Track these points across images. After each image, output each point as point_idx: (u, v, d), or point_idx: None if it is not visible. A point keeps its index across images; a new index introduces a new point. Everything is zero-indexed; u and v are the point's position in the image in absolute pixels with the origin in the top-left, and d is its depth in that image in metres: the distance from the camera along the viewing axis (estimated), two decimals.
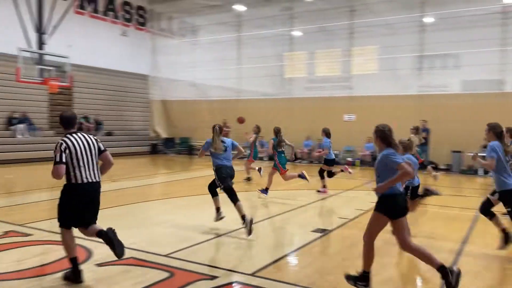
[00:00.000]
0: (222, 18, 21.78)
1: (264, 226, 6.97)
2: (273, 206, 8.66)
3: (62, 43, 16.63)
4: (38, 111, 18.76)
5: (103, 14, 21.79)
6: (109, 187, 11.10)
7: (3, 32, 16.09)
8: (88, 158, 4.35)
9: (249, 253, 5.44)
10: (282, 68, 21.20)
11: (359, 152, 18.03)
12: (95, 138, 4.56)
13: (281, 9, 20.40)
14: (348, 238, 6.31)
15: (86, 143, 4.39)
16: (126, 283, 4.29)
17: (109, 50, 21.51)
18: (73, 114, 4.65)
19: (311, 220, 7.43)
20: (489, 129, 5.29)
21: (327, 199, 9.63)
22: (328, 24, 19.26)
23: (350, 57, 18.95)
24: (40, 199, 9.43)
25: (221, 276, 4.54)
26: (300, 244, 5.94)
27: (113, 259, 5.02)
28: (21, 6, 14.00)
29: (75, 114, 4.72)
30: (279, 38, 20.63)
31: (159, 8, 23.90)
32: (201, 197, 9.63)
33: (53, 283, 4.32)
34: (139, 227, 6.75)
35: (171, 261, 4.99)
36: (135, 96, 23.47)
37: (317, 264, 5.10)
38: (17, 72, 13.58)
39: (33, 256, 5.17)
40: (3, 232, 6.19)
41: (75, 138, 4.37)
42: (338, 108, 18.37)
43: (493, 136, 5.24)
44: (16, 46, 13.82)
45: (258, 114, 20.46)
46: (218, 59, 21.66)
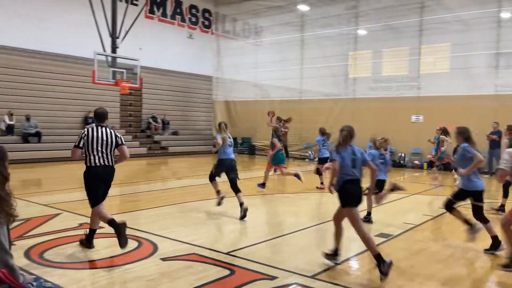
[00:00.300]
0: (285, 19, 21.77)
1: (326, 229, 6.85)
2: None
3: (133, 47, 17.54)
4: (111, 111, 19.82)
5: (171, 18, 22.68)
6: (173, 184, 11.52)
7: (81, 38, 17.28)
8: (102, 147, 5.14)
9: (310, 255, 5.37)
10: (346, 68, 20.76)
11: (427, 155, 17.18)
12: (116, 133, 5.35)
13: (346, 8, 19.98)
14: (415, 244, 6.02)
15: (105, 136, 5.18)
16: (188, 278, 4.39)
17: (176, 53, 22.34)
18: (104, 111, 5.40)
19: (375, 225, 7.18)
20: (457, 133, 5.66)
21: (392, 203, 9.27)
22: (396, 21, 18.56)
23: (419, 55, 18.11)
24: (111, 194, 9.96)
25: (281, 276, 4.52)
26: (363, 249, 5.75)
27: (177, 254, 5.19)
28: (97, 13, 14.93)
29: (106, 111, 5.43)
30: (343, 37, 20.22)
31: (224, 11, 24.43)
32: (262, 197, 9.69)
33: (122, 274, 4.53)
34: (201, 224, 6.92)
35: (231, 259, 5.05)
36: (199, 97, 24.18)
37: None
38: (92, 74, 14.50)
39: (104, 248, 5.47)
40: (78, 224, 6.63)
41: (97, 130, 5.16)
42: (405, 108, 17.65)
43: (461, 140, 5.61)
44: (93, 50, 14.77)
45: (321, 114, 20.24)
46: (281, 60, 21.68)
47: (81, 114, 18.61)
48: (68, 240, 5.73)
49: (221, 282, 4.35)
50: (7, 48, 16.54)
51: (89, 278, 4.39)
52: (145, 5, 19.73)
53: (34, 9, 17.11)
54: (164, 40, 21.83)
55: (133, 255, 5.17)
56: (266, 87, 23.01)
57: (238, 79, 23.54)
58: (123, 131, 20.17)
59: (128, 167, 15.10)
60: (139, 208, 8.40)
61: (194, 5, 23.82)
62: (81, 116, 18.60)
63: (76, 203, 8.37)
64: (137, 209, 8.27)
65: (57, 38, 17.63)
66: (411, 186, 11.79)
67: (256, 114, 22.18)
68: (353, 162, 4.71)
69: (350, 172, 4.67)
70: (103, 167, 5.17)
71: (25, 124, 16.24)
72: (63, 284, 4.01)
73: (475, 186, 5.50)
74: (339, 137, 4.87)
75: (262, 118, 22.12)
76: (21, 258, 4.85)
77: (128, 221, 6.92)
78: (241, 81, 23.48)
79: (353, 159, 4.72)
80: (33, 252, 5.13)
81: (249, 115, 22.92)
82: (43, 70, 17.53)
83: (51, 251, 5.22)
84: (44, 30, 17.22)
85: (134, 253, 5.25)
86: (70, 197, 9.02)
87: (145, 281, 4.31)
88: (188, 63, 23.08)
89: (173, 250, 5.38)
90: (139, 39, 19.10)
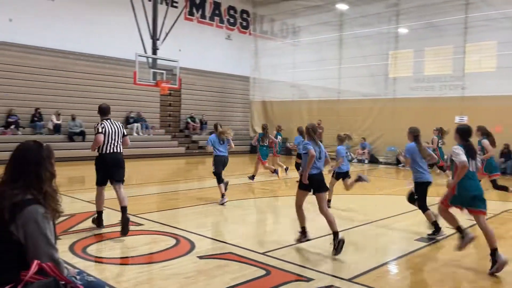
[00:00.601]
0: (323, 18, 21.54)
1: (365, 231, 6.72)
2: (377, 210, 8.31)
3: (172, 48, 17.89)
4: (151, 111, 20.42)
5: (210, 19, 22.98)
6: (210, 183, 11.65)
7: (123, 40, 17.82)
8: (113, 137, 6.13)
9: (347, 257, 5.28)
10: (386, 68, 20.30)
11: None
12: (121, 124, 6.36)
13: (386, 6, 19.53)
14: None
15: (115, 127, 6.19)
16: (225, 277, 4.42)
17: (214, 54, 22.61)
18: (107, 106, 6.34)
19: (417, 228, 6.97)
20: (409, 132, 6.45)
21: (435, 206, 8.94)
22: (439, 19, 17.95)
23: (463, 54, 17.43)
24: (151, 192, 10.24)
25: (317, 279, 4.46)
26: (403, 253, 5.60)
27: (213, 252, 5.24)
28: (139, 15, 15.34)
29: (109, 106, 6.37)
30: (383, 36, 19.78)
31: (262, 11, 24.48)
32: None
33: (160, 271, 4.62)
34: (237, 223, 6.95)
35: (268, 259, 5.04)
36: (237, 97, 24.36)
37: (422, 275, 4.77)
38: (134, 75, 14.89)
39: (143, 245, 5.60)
40: (119, 220, 6.82)
41: (107, 124, 6.16)
42: (448, 109, 17.02)
43: (411, 138, 6.39)
44: (134, 52, 15.18)
45: (359, 115, 19.89)
46: (319, 60, 21.48)
47: (122, 114, 19.19)
48: (110, 236, 5.91)
49: (257, 282, 4.35)
50: (54, 51, 17.30)
51: (129, 273, 4.51)
52: (184, 7, 20.08)
53: (79, 13, 17.81)
54: (202, 41, 22.15)
55: (171, 252, 5.27)
56: (303, 87, 22.87)
57: (275, 79, 23.53)
58: (163, 131, 20.63)
59: (168, 166, 15.44)
60: (178, 206, 8.56)
61: (232, 6, 24.03)
62: (123, 116, 19.18)
63: (117, 200, 8.62)
64: (175, 207, 8.42)
65: (100, 41, 18.27)
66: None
67: (293, 115, 22.08)
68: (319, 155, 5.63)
69: (316, 165, 5.55)
70: (113, 154, 6.15)
71: (70, 124, 16.93)
72: (104, 279, 4.14)
73: (424, 178, 6.31)
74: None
75: (299, 119, 22.02)
76: (66, 252, 5.05)
77: (167, 219, 7.09)
78: (278, 81, 23.45)
79: (319, 153, 5.63)
80: (77, 246, 5.33)
81: (286, 115, 22.85)
82: (87, 71, 18.22)
83: (93, 246, 5.41)
84: (88, 33, 17.89)
85: (172, 250, 5.35)
86: (112, 194, 9.28)
87: (182, 278, 4.38)
88: (226, 64, 23.31)
89: (210, 248, 5.43)
90: (179, 41, 19.46)
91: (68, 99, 17.42)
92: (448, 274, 4.80)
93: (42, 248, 2.38)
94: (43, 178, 2.53)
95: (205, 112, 22.45)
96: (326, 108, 21.13)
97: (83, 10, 17.94)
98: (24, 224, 2.36)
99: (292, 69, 22.49)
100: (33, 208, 2.40)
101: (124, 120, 19.11)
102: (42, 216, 2.41)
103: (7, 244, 2.36)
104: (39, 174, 2.52)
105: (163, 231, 6.22)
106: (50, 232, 2.45)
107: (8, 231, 2.35)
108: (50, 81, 17.09)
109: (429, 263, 5.31)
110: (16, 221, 2.35)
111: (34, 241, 2.37)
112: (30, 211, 2.39)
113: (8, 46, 16.24)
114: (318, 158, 5.55)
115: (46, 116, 16.68)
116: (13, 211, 2.35)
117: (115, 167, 6.20)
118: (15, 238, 2.35)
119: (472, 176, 4.95)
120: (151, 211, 7.78)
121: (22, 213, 2.37)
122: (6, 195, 2.40)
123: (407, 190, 6.80)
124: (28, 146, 2.58)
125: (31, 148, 2.57)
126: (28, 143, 2.60)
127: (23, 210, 2.37)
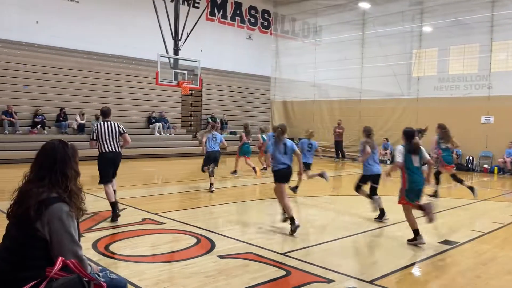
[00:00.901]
0: (345, 17, 21.34)
1: (387, 233, 6.63)
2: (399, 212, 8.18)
3: (194, 48, 18.03)
4: (173, 111, 20.64)
5: (231, 19, 23.06)
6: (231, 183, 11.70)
7: (146, 41, 18.05)
8: (109, 137, 6.70)
9: (369, 259, 5.22)
10: (409, 67, 19.97)
11: (498, 158, 16.10)
12: (118, 124, 6.86)
13: (410, 4, 19.21)
14: (483, 253, 5.65)
15: (110, 127, 6.74)
16: (245, 277, 4.43)
17: (235, 54, 22.68)
18: (108, 109, 6.93)
19: (438, 231, 6.84)
20: (363, 130, 7.64)
21: (458, 209, 8.77)
22: (464, 17, 17.54)
23: (490, 52, 17.00)
24: (173, 191, 10.35)
25: (338, 280, 4.43)
26: (425, 256, 5.50)
27: (233, 252, 5.26)
28: (161, 16, 15.50)
29: (109, 109, 6.94)
30: (406, 35, 19.46)
31: (283, 11, 24.41)
32: (320, 198, 9.57)
33: (181, 269, 4.66)
34: (258, 223, 6.95)
35: (288, 260, 5.03)
36: (257, 97, 24.37)
37: (445, 279, 4.67)
38: (156, 76, 15.07)
39: (164, 243, 5.66)
40: (141, 219, 6.92)
41: (103, 124, 6.73)
42: (474, 109, 16.63)
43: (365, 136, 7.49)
44: (156, 53, 15.36)
45: (381, 115, 19.62)
46: (340, 59, 21.29)
47: (145, 114, 19.46)
48: (132, 234, 6.00)
49: (277, 283, 4.35)
50: (79, 52, 17.66)
51: (151, 271, 4.56)
52: (206, 8, 20.21)
53: (103, 15, 18.13)
54: (223, 42, 22.25)
55: (191, 251, 5.31)
56: (324, 87, 22.71)
57: (296, 79, 23.43)
58: (184, 130, 20.82)
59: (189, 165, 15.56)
60: (199, 205, 8.62)
61: (253, 6, 24.05)
62: (145, 115, 19.44)
63: (139, 199, 8.76)
64: (196, 206, 8.49)
65: (123, 42, 18.57)
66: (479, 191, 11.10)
67: (314, 114, 21.95)
68: (284, 151, 6.39)
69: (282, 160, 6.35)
70: (110, 152, 6.72)
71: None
72: (126, 276, 4.20)
73: (373, 171, 7.33)
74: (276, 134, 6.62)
75: (320, 119, 21.90)
76: (89, 249, 5.15)
77: (188, 218, 7.15)
78: (299, 81, 23.34)
79: (284, 149, 6.39)
80: (100, 244, 5.43)
81: (307, 115, 22.74)
82: (111, 72, 18.54)
83: (116, 244, 5.50)
84: (112, 34, 18.20)
85: (192, 249, 5.39)
86: (134, 193, 9.45)
87: (203, 277, 4.40)
88: (247, 64, 23.35)
89: (230, 248, 5.45)
90: (200, 41, 19.60)
91: (92, 99, 17.76)
92: (472, 278, 4.69)
93: (66, 245, 2.44)
94: (69, 176, 2.59)
95: (226, 112, 22.55)
96: (347, 108, 20.94)
97: (107, 12, 18.27)
98: (49, 221, 2.42)
99: (313, 69, 22.36)
100: (58, 206, 2.46)
101: (146, 120, 19.38)
102: (67, 214, 2.47)
103: (34, 241, 2.42)
104: (65, 173, 2.58)
105: (184, 230, 6.27)
106: (74, 230, 2.50)
107: (34, 228, 2.41)
108: (75, 81, 17.46)
109: (452, 267, 5.20)
110: (41, 218, 2.41)
111: (59, 238, 2.42)
112: (55, 209, 2.44)
113: (35, 47, 16.67)
114: (284, 153, 6.37)
115: (70, 116, 17.05)
116: (39, 209, 2.41)
117: (112, 165, 6.86)
118: (41, 235, 2.41)
119: (416, 171, 5.86)
120: (172, 210, 7.86)
121: (47, 211, 2.42)
122: (32, 193, 2.46)
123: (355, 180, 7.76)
124: (54, 145, 2.64)
125: (57, 147, 2.63)
126: (54, 142, 2.66)
127: (48, 208, 2.43)
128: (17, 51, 16.23)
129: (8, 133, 15.19)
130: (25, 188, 2.52)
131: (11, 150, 14.54)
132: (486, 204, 9.53)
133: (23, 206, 2.44)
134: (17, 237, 2.45)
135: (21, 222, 2.45)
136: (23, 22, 16.29)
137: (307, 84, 22.92)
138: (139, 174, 13.01)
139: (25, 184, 2.56)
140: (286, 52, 24.01)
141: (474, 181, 14.13)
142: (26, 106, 16.24)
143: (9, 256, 2.43)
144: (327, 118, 21.76)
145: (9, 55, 15.95)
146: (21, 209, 2.45)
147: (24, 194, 2.49)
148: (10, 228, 2.53)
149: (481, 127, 16.40)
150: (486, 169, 16.11)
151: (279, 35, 24.59)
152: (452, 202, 9.38)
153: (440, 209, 8.51)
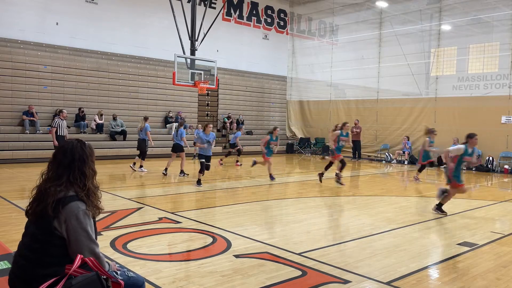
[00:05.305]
0: (362, 16, 21.18)
1: (405, 233, 6.54)
2: (418, 213, 8.08)
3: (210, 49, 18.13)
4: (189, 111, 20.76)
5: (247, 19, 23.09)
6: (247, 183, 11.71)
7: (163, 41, 18.22)
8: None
9: (386, 260, 5.16)
10: (427, 66, 19.70)
11: None
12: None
13: (428, 3, 18.96)
14: (503, 255, 5.53)
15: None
16: (260, 277, 4.43)
17: (251, 54, 22.71)
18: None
19: (458, 232, 6.73)
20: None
21: (477, 210, 8.61)
22: (484, 15, 17.22)
23: (510, 51, 16.63)
24: (189, 190, 10.41)
25: (354, 281, 4.39)
26: (444, 257, 5.42)
27: (249, 252, 5.27)
28: (177, 17, 15.63)
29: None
30: (425, 33, 19.22)
31: (299, 10, 24.35)
32: (336, 198, 9.51)
33: (198, 268, 4.69)
34: (274, 223, 6.95)
35: (304, 260, 5.01)
36: (273, 97, 24.34)
37: (464, 281, 4.59)
38: (173, 76, 15.20)
39: (181, 242, 5.70)
40: (158, 218, 6.98)
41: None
42: (494, 108, 16.31)
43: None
44: (173, 53, 15.49)
45: (399, 114, 19.40)
46: (357, 58, 21.13)
47: (162, 114, 19.63)
48: (149, 233, 6.06)
49: (293, 283, 4.33)
50: (97, 53, 17.94)
51: (167, 270, 4.60)
52: (222, 8, 20.28)
53: (122, 16, 18.38)
54: (240, 42, 22.30)
55: (208, 250, 5.34)
56: (341, 86, 22.57)
57: (312, 79, 23.34)
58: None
59: None
60: (215, 205, 8.66)
61: (269, 6, 24.05)
62: (162, 115, 19.61)
63: (157, 198, 8.84)
64: (213, 205, 8.53)
65: (141, 42, 18.79)
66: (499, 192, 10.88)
67: (330, 114, 21.84)
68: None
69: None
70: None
71: (112, 123, 17.49)
72: (144, 274, 4.24)
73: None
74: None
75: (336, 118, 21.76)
76: (107, 247, 5.21)
77: (204, 217, 7.19)
78: (316, 81, 23.25)
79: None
80: (118, 242, 5.49)
81: (323, 115, 22.64)
82: (129, 72, 18.75)
83: (133, 243, 5.56)
84: (130, 35, 18.44)
85: (209, 248, 5.42)
86: (152, 192, 9.54)
87: (219, 276, 4.42)
88: (263, 64, 23.36)
89: (246, 247, 5.46)
90: (216, 41, 19.69)
91: (110, 99, 18.01)
92: (493, 280, 4.60)
93: (84, 243, 2.47)
94: (87, 174, 2.63)
95: (242, 112, 22.59)
96: (364, 108, 20.78)
97: (125, 13, 18.50)
98: (66, 220, 2.46)
99: (330, 68, 22.24)
100: (75, 205, 2.50)
101: (163, 120, 19.54)
102: (83, 212, 2.50)
103: (52, 238, 2.46)
104: (83, 171, 2.62)
105: (201, 229, 6.31)
106: (91, 228, 2.54)
107: (52, 226, 2.45)
108: (94, 82, 17.73)
109: (472, 269, 5.11)
110: (59, 216, 2.45)
111: (76, 236, 2.46)
112: (71, 207, 2.48)
113: (55, 48, 16.99)
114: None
115: (89, 116, 17.31)
116: (56, 207, 2.46)
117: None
118: (58, 233, 2.45)
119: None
120: (189, 209, 7.91)
121: (64, 210, 2.46)
122: (50, 192, 2.51)
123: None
124: (73, 144, 2.68)
125: (76, 146, 2.67)
126: (72, 142, 2.71)
127: (66, 206, 2.47)
128: (37, 52, 16.56)
129: (29, 133, 15.51)
130: (44, 187, 2.56)
131: (32, 149, 14.87)
132: (506, 206, 9.34)
133: (41, 204, 2.49)
134: (36, 235, 2.49)
135: (40, 220, 2.49)
136: (43, 24, 16.61)
137: (324, 83, 22.81)
138: (157, 173, 13.12)
139: (44, 182, 2.60)
140: (302, 52, 23.94)
141: (494, 182, 13.86)
142: (46, 106, 16.55)
143: (29, 253, 2.48)
144: (343, 118, 21.60)
145: (28, 56, 16.28)
146: (40, 207, 2.49)
147: (43, 192, 2.53)
148: (29, 226, 2.58)
149: (502, 127, 16.07)
150: (506, 169, 15.78)
151: (295, 34, 24.53)
152: (471, 203, 9.22)
153: (459, 210, 8.38)
